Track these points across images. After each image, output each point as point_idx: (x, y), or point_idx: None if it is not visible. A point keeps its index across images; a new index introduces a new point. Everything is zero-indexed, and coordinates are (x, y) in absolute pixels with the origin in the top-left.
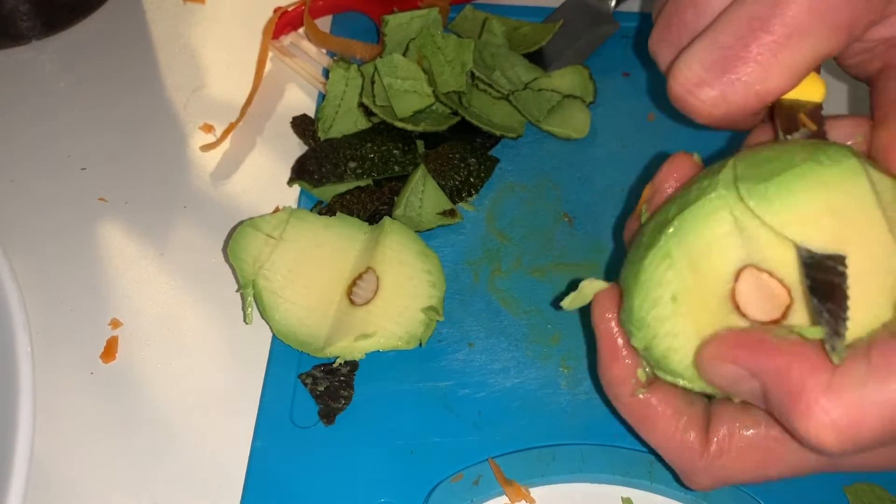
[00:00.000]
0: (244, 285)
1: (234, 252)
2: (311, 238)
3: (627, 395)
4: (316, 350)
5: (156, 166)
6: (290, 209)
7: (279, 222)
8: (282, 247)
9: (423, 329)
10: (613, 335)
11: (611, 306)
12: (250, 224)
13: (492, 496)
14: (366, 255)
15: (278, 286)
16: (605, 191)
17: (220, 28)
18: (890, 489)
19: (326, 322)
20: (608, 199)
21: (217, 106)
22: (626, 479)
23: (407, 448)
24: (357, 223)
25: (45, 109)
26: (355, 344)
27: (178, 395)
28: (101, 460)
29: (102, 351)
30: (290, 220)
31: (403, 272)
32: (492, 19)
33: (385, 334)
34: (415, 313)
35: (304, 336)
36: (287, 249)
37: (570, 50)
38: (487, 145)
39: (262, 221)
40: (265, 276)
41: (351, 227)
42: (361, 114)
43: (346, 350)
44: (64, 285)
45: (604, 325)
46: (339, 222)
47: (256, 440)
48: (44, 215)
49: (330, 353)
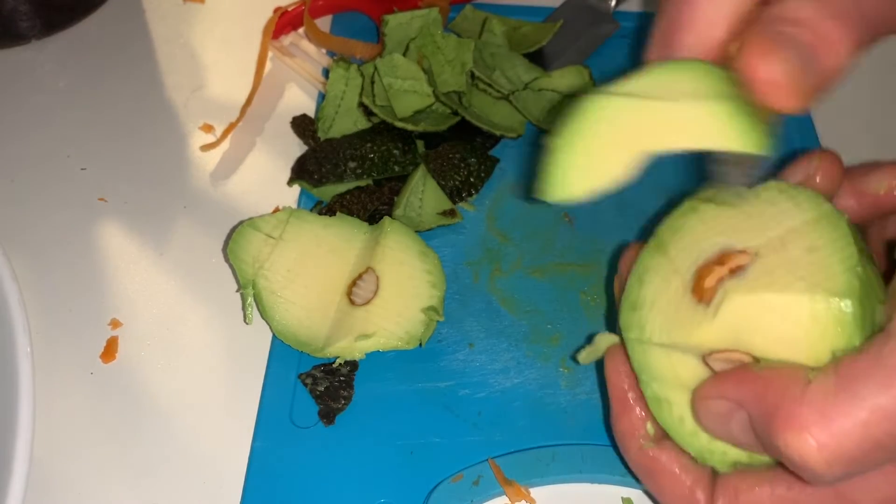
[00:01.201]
0: (244, 285)
1: (234, 252)
2: (310, 238)
3: (636, 448)
4: (316, 350)
5: (156, 166)
6: (289, 209)
7: (279, 222)
8: (281, 247)
9: (423, 329)
10: (624, 389)
11: (623, 360)
12: (250, 224)
13: (492, 496)
14: (366, 255)
15: (278, 286)
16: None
17: (220, 28)
18: None
19: (326, 322)
20: (608, 199)
21: (217, 106)
22: (626, 479)
23: (407, 448)
24: (356, 223)
25: (45, 109)
26: (355, 344)
27: (178, 395)
28: (101, 460)
29: (102, 351)
30: (289, 220)
31: (403, 272)
32: (492, 19)
33: (385, 334)
34: (415, 313)
35: (304, 336)
36: (287, 249)
37: (570, 50)
38: (487, 145)
39: (261, 221)
40: (265, 276)
41: (350, 227)
42: (361, 114)
43: (347, 350)
44: (64, 285)
45: (615, 378)
46: (338, 222)
47: (256, 440)
48: (44, 215)
49: (330, 353)
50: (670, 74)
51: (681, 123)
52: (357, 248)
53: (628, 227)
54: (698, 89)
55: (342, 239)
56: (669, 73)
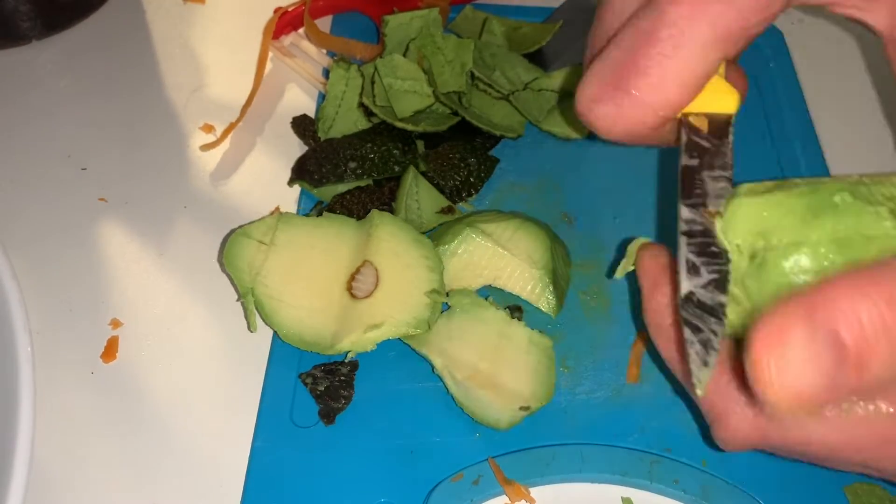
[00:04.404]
0: (243, 294)
1: (229, 261)
2: (302, 240)
3: (667, 324)
4: (326, 348)
5: (156, 166)
6: (277, 215)
7: (268, 228)
8: (274, 252)
9: (429, 312)
10: (655, 270)
11: (657, 251)
12: (241, 232)
13: (492, 496)
14: (360, 249)
15: (277, 291)
16: (605, 191)
17: (220, 28)
18: (890, 490)
19: (331, 320)
20: (608, 199)
21: (217, 106)
22: (626, 479)
23: (407, 448)
24: (345, 220)
25: (45, 109)
26: (365, 336)
27: (178, 395)
28: (101, 460)
29: (102, 351)
30: (278, 226)
31: (401, 261)
32: (492, 19)
33: (393, 322)
34: (419, 298)
35: (310, 336)
36: (280, 254)
37: (570, 50)
38: (487, 145)
39: (251, 228)
40: (262, 283)
41: (340, 225)
42: (361, 114)
43: (357, 343)
44: (64, 285)
45: (648, 262)
46: (326, 222)
47: (256, 440)
48: (44, 215)
49: (340, 348)
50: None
51: None
52: (349, 244)
53: (628, 227)
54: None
55: (333, 237)
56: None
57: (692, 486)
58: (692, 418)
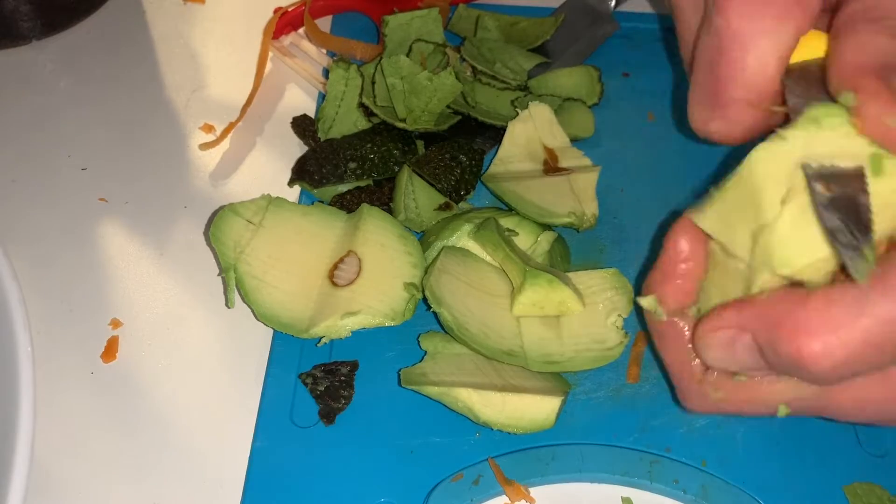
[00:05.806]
0: (225, 269)
1: (216, 235)
2: (290, 225)
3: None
4: (300, 331)
5: (156, 166)
6: (268, 196)
7: (259, 209)
8: (262, 233)
9: (405, 305)
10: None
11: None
12: (230, 209)
13: (492, 496)
14: (346, 239)
15: (259, 271)
16: (605, 191)
17: (220, 28)
18: (890, 489)
19: (309, 304)
20: (608, 199)
21: (217, 106)
22: (626, 478)
23: (407, 448)
24: (334, 211)
25: (45, 109)
26: (340, 322)
27: (178, 395)
28: (102, 460)
29: (102, 351)
30: (268, 208)
31: (385, 254)
32: (484, 16)
33: (370, 311)
34: (398, 291)
35: (286, 318)
36: (267, 235)
37: (570, 50)
38: (488, 146)
39: (241, 207)
40: (246, 261)
41: (329, 215)
42: (361, 114)
43: (332, 329)
44: (64, 285)
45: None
46: (317, 210)
47: (256, 440)
48: (44, 215)
49: (315, 332)
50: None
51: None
52: (336, 234)
53: (628, 227)
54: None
55: (321, 226)
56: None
57: (692, 486)
58: (692, 419)
